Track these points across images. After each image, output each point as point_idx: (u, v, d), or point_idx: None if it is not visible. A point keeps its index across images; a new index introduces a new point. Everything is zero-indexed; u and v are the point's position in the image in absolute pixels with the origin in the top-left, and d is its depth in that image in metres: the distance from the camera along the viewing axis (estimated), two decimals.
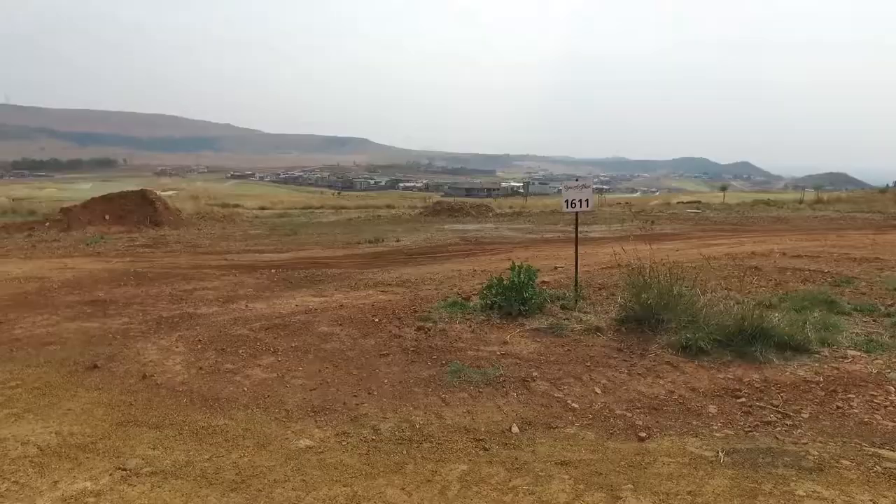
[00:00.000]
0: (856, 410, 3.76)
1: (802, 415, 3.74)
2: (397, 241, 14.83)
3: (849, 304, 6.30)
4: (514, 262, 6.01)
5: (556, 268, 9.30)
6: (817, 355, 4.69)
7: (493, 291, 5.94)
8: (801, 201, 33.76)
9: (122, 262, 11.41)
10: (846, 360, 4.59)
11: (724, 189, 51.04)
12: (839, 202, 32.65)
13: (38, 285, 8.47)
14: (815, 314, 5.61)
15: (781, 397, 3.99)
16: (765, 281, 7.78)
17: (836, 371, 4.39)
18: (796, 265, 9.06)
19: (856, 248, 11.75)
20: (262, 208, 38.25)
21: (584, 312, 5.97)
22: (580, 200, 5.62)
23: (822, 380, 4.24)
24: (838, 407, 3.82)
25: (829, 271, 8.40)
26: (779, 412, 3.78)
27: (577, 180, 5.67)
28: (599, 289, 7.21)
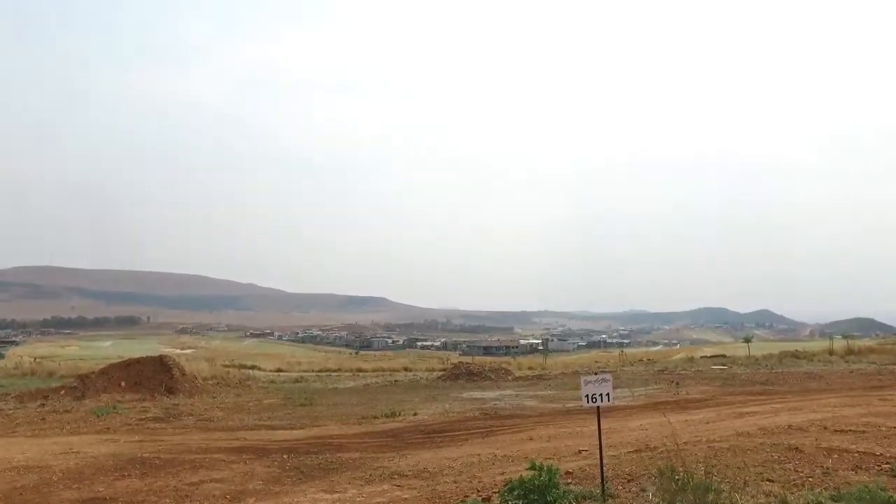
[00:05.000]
0: None
1: None
2: (415, 414, 14.38)
3: None
4: (534, 462, 5.65)
5: (579, 451, 8.77)
6: None
7: (515, 494, 5.51)
8: (831, 353, 32.59)
9: (130, 443, 11.06)
10: None
11: (747, 340, 49.96)
12: (871, 353, 31.51)
13: (37, 477, 8.09)
14: None
15: None
16: (809, 467, 7.19)
17: None
18: (842, 444, 8.43)
19: None
20: (279, 370, 38.00)
21: None
22: (600, 395, 5.45)
23: None
24: None
25: (881, 454, 7.74)
26: None
27: (595, 374, 5.55)
28: (628, 481, 6.69)
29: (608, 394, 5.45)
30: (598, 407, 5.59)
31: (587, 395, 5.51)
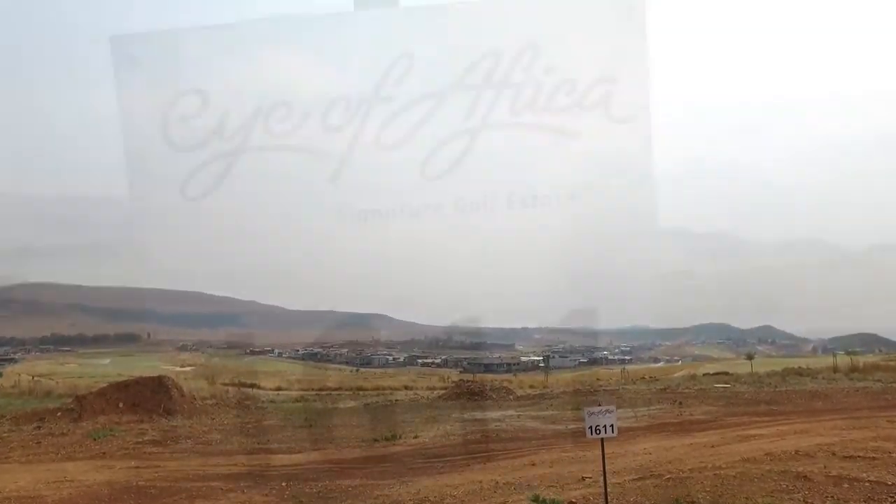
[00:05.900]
0: None
1: None
2: (415, 436, 14.18)
3: None
4: (537, 494, 5.52)
5: (582, 478, 8.60)
6: None
7: None
8: (835, 370, 32.14)
9: (125, 469, 10.91)
10: None
11: (750, 357, 49.57)
12: (877, 369, 31.05)
13: None
14: None
15: None
16: (819, 498, 7.04)
17: None
18: (851, 472, 8.24)
19: None
20: (279, 389, 37.71)
21: None
22: (605, 426, 5.32)
23: None
24: None
25: (893, 483, 7.57)
26: None
27: (600, 405, 5.43)
28: None
29: (612, 425, 5.33)
30: (602, 440, 5.47)
31: (591, 427, 5.38)
